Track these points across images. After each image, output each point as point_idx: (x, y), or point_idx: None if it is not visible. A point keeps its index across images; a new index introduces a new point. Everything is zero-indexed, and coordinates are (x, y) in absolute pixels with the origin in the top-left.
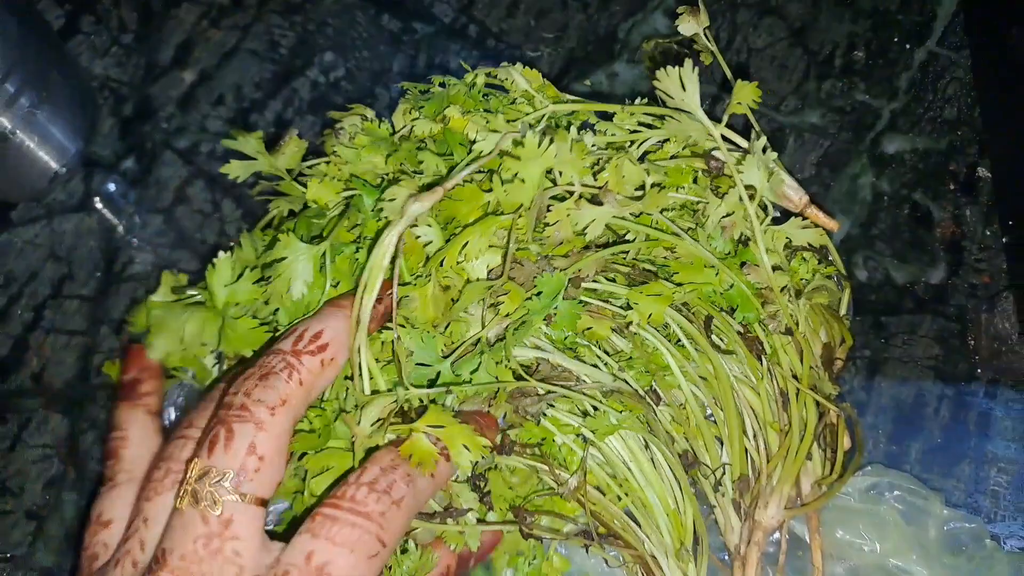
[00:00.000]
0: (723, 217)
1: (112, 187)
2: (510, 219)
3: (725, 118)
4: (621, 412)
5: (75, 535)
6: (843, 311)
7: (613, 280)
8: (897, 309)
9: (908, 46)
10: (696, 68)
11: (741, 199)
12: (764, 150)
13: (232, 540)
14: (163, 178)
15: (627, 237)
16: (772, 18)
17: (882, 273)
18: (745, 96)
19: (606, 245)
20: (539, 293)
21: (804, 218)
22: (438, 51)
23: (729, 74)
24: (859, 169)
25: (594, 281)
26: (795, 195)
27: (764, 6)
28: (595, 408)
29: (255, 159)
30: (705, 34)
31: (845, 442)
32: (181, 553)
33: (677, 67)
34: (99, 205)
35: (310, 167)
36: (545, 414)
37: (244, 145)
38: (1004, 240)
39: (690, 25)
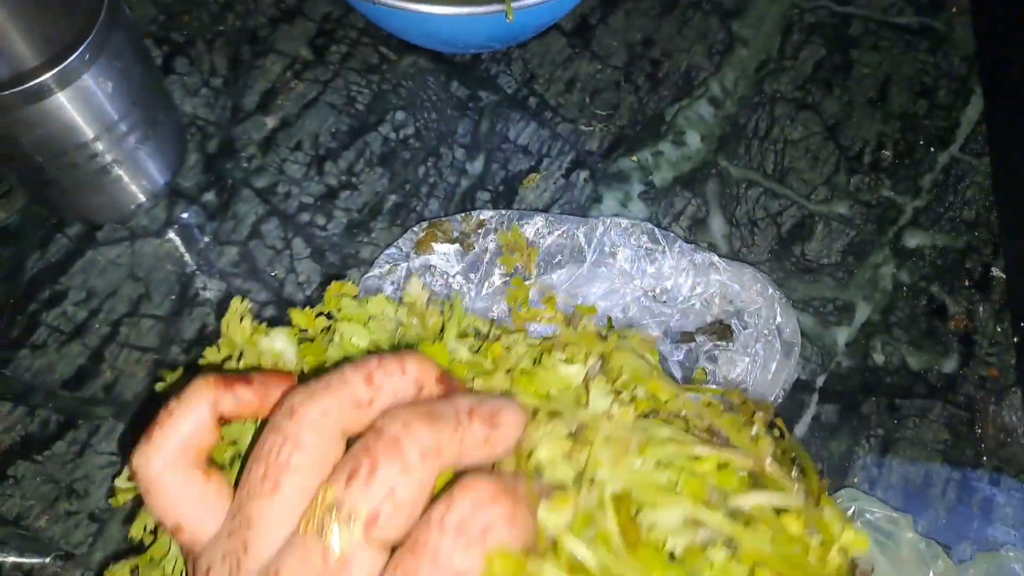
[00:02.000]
0: None
1: (192, 218)
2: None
3: None
4: None
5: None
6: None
7: None
8: (910, 393)
9: (932, 149)
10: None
11: None
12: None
13: None
14: (240, 213)
15: None
16: (808, 113)
17: (898, 358)
18: None
19: None
20: None
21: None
22: (500, 118)
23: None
24: (881, 259)
25: None
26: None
27: (802, 102)
28: None
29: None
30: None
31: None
32: None
33: None
34: (179, 233)
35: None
36: None
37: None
38: (1015, 340)
39: None
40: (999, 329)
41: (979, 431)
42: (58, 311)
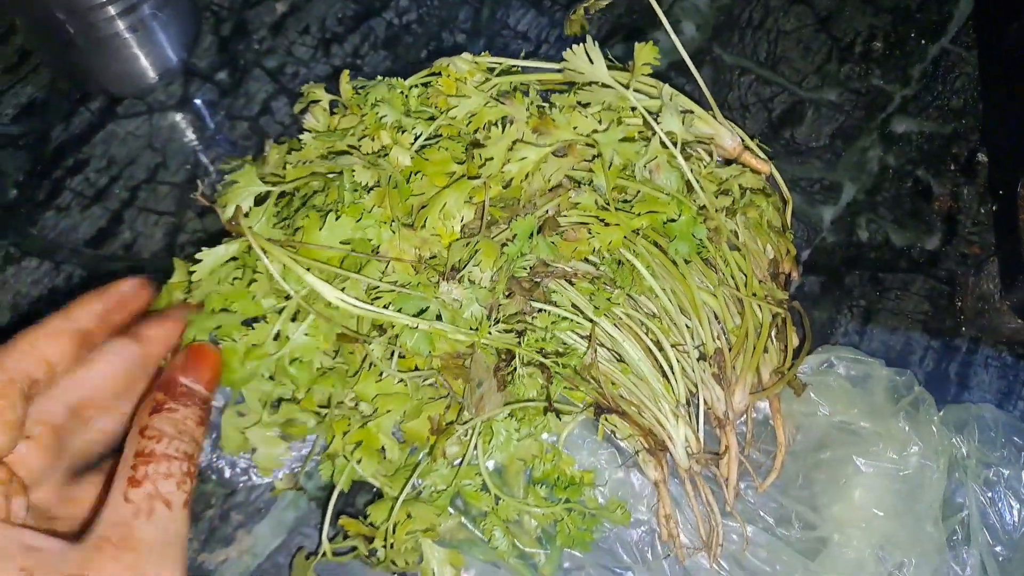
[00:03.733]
0: (651, 160)
1: (207, 95)
2: (481, 182)
3: (633, 82)
4: (609, 296)
5: None
6: (787, 227)
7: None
8: (893, 268)
9: (923, 41)
10: (596, 43)
11: (663, 144)
12: (671, 98)
13: None
14: (251, 91)
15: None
16: (802, 6)
17: (882, 235)
18: (646, 57)
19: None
20: (514, 237)
21: (741, 163)
22: (500, 6)
23: (671, 32)
24: (869, 144)
25: (563, 216)
26: (729, 143)
27: None
28: (591, 296)
29: (240, 181)
30: None
31: (795, 338)
32: None
33: (581, 44)
34: (194, 108)
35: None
36: (555, 303)
37: (240, 175)
38: (993, 208)
39: None
40: (982, 211)
41: (959, 303)
42: (81, 177)
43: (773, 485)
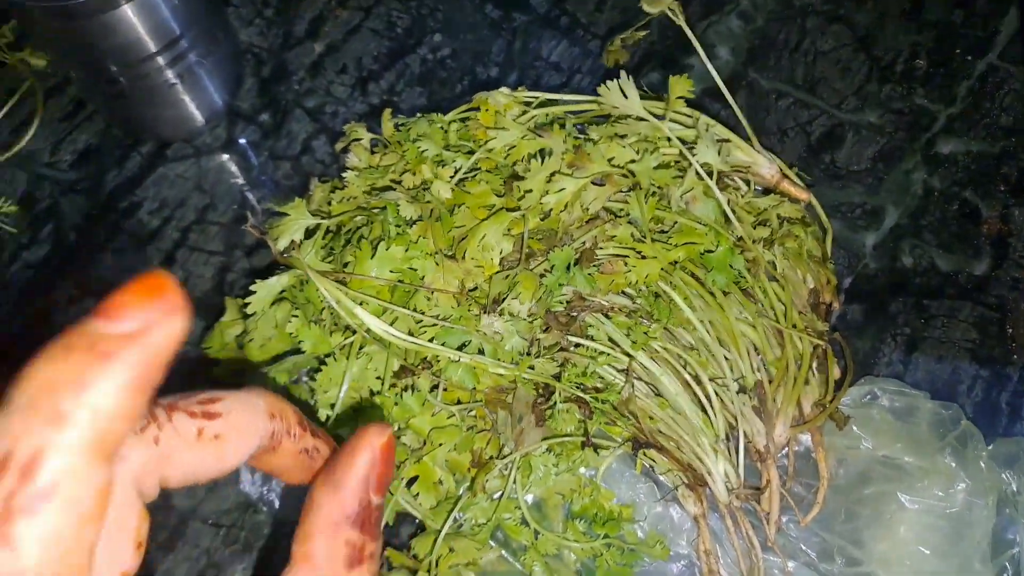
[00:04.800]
0: (687, 191)
1: (250, 136)
2: (520, 215)
3: (668, 112)
4: (647, 330)
5: None
6: (827, 256)
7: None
8: (939, 294)
9: (969, 58)
10: (630, 75)
11: (698, 175)
12: (707, 128)
13: None
14: (293, 131)
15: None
16: (839, 25)
17: (927, 260)
18: (680, 90)
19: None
20: (552, 268)
21: (779, 192)
22: (532, 38)
23: (705, 59)
24: (912, 166)
25: (600, 248)
26: (767, 172)
27: (832, 14)
28: (628, 330)
29: (291, 215)
30: (671, 10)
31: (836, 370)
32: None
33: (616, 80)
34: (239, 150)
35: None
36: (591, 337)
37: (290, 207)
38: None
39: (655, 4)
40: None
41: (1010, 330)
42: (135, 220)
43: (815, 520)
